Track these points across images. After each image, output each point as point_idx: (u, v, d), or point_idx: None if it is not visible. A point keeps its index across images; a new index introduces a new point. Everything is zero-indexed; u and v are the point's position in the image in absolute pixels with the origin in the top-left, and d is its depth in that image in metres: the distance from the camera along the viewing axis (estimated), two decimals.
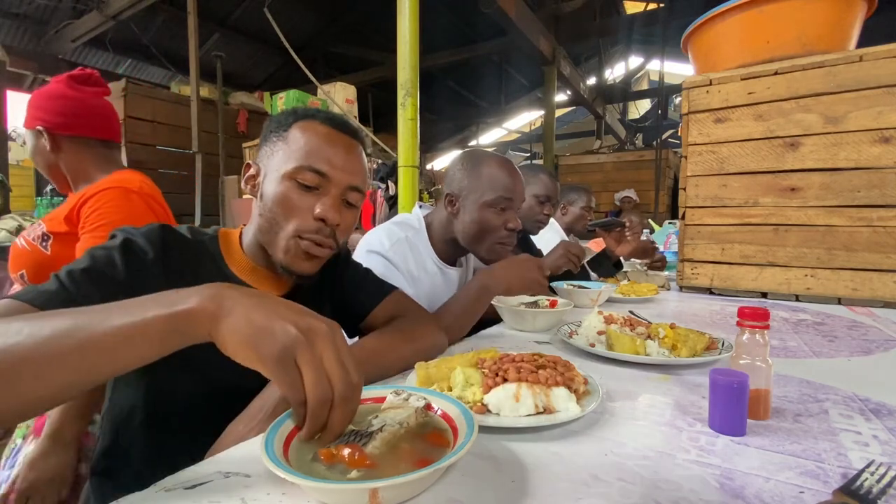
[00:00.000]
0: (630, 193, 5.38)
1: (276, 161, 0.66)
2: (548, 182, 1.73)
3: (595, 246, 2.67)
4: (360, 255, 1.04)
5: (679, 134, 3.64)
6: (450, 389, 0.55)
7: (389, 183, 3.50)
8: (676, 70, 8.13)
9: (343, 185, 0.66)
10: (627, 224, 1.85)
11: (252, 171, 0.70)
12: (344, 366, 0.40)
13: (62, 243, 0.97)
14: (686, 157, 1.56)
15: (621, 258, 1.97)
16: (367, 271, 0.84)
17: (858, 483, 0.37)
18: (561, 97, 6.89)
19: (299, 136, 0.66)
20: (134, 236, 0.61)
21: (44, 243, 0.97)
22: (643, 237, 2.53)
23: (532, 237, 1.95)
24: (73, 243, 0.95)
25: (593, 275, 1.88)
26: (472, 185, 1.07)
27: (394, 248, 1.02)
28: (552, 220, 2.27)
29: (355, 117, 4.22)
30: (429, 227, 1.15)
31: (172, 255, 0.62)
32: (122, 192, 0.98)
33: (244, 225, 0.73)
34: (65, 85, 1.07)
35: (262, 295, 0.42)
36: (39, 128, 1.03)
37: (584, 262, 1.49)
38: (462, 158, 1.12)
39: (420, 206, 1.20)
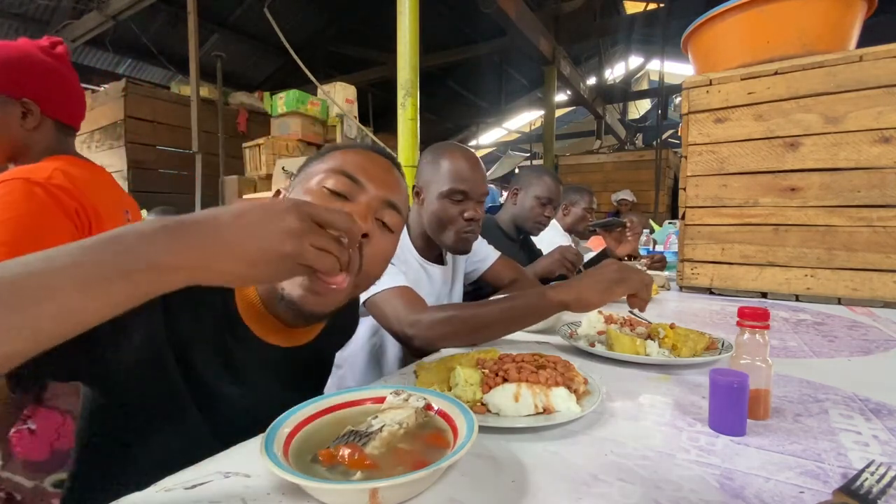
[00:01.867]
0: (626, 195, 5.34)
1: (303, 176, 0.60)
2: (550, 184, 1.74)
3: (594, 245, 2.67)
4: None
5: (679, 134, 3.63)
6: (449, 389, 0.55)
7: None
8: (676, 70, 8.12)
9: (378, 197, 0.58)
10: (628, 224, 1.86)
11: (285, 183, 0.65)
12: (329, 213, 0.39)
13: None
14: (686, 157, 1.56)
15: (622, 258, 1.97)
16: None
17: (858, 483, 0.37)
18: (561, 97, 6.89)
19: (337, 154, 0.60)
20: None
21: None
22: (643, 237, 2.53)
23: (533, 238, 1.95)
24: None
25: None
26: (432, 176, 1.10)
27: None
28: (554, 220, 2.27)
29: (355, 117, 4.22)
30: (408, 225, 1.17)
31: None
32: (20, 184, 0.81)
33: None
34: (54, 59, 0.95)
35: (220, 219, 0.36)
36: (26, 100, 0.90)
37: (581, 265, 1.52)
38: (427, 151, 1.16)
39: None
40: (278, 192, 0.64)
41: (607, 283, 0.75)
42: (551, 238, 2.18)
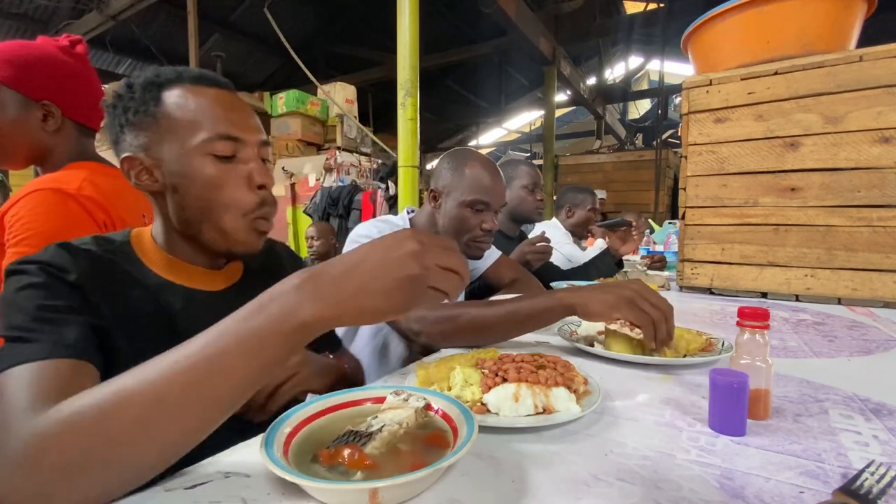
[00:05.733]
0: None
1: (175, 142, 0.57)
2: (528, 170, 1.82)
3: (589, 244, 2.67)
4: (350, 245, 1.05)
5: (679, 134, 3.63)
6: (449, 389, 0.55)
7: (389, 183, 3.50)
8: (676, 70, 8.13)
9: (256, 144, 0.62)
10: (634, 224, 1.87)
11: (142, 163, 0.59)
12: (445, 248, 0.41)
13: None
14: (686, 157, 1.56)
15: (622, 258, 1.98)
16: None
17: (858, 483, 0.37)
18: (561, 97, 6.90)
19: (182, 104, 0.58)
20: (44, 259, 0.51)
21: None
22: (644, 237, 2.53)
23: (538, 225, 1.97)
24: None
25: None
26: (454, 183, 1.11)
27: (382, 233, 1.04)
28: (557, 221, 2.28)
29: (355, 117, 4.22)
30: (415, 225, 1.17)
31: (87, 274, 0.53)
32: (54, 194, 0.80)
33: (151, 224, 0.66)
34: (75, 60, 0.94)
35: (346, 263, 0.39)
36: (47, 102, 0.88)
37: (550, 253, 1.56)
38: (449, 156, 1.16)
39: (408, 211, 1.23)
40: (129, 158, 0.60)
41: (617, 299, 0.72)
42: (553, 238, 2.18)
